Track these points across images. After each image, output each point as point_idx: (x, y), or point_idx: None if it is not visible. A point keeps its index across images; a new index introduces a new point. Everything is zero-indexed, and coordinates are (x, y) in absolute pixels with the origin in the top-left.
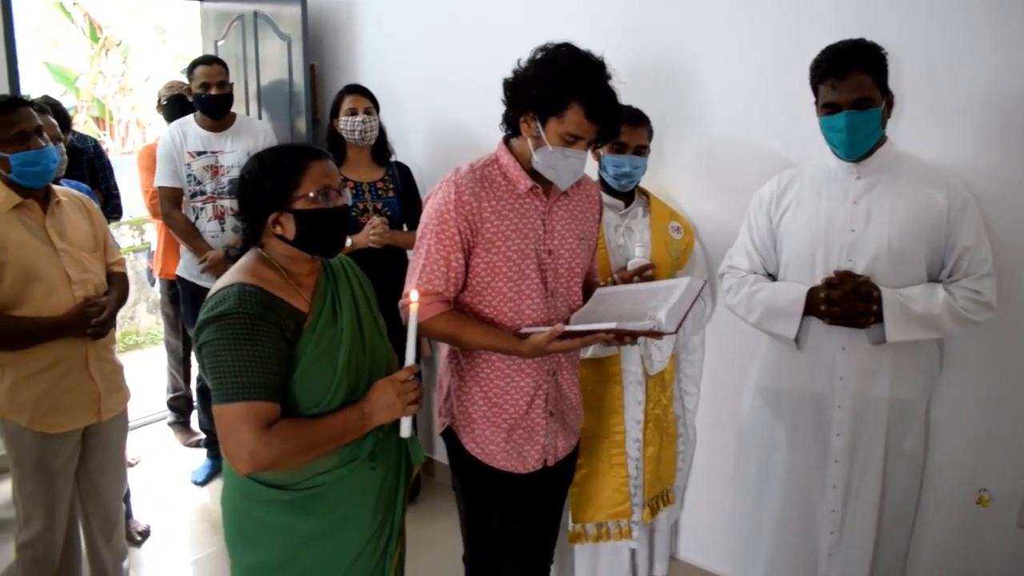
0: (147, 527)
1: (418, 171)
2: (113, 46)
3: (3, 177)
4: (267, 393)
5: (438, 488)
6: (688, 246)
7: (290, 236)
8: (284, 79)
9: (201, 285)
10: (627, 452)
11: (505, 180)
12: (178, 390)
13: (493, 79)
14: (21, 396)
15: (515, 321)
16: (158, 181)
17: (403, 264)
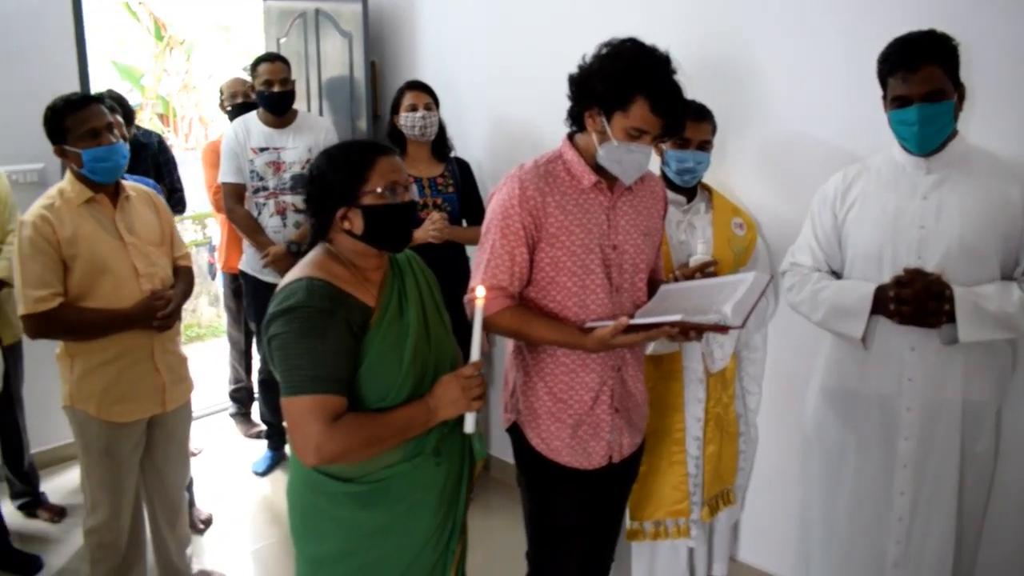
0: (209, 516)
1: (477, 167)
2: (177, 44)
3: (75, 172)
4: (334, 387)
5: (494, 484)
6: (751, 243)
7: (358, 231)
8: (345, 76)
9: (263, 279)
10: (687, 450)
11: (569, 175)
12: (239, 382)
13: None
14: (89, 386)
15: (580, 316)
16: (222, 177)
17: (461, 259)
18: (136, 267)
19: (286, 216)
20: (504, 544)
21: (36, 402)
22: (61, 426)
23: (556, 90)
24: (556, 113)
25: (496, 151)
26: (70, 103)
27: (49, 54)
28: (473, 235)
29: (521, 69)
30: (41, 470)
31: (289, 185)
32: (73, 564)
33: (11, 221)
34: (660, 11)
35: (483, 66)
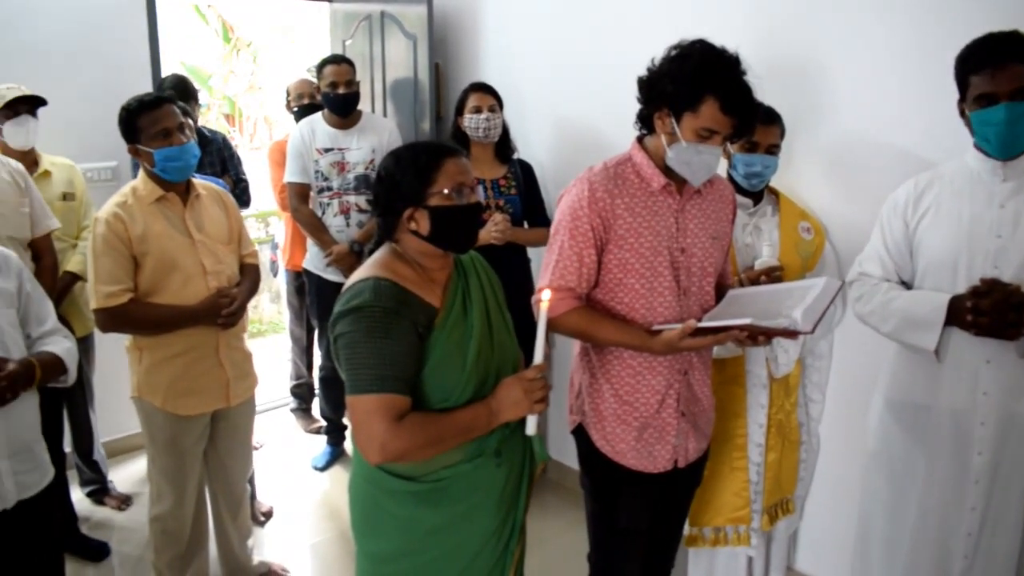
0: (270, 508)
1: (540, 168)
2: (244, 46)
3: (147, 171)
4: (399, 386)
5: (552, 486)
6: (819, 247)
7: (424, 232)
8: (409, 77)
9: (326, 278)
10: (748, 456)
11: (638, 178)
12: (301, 378)
13: (617, 77)
14: (156, 378)
15: (647, 319)
16: (287, 177)
17: (523, 261)
18: (204, 264)
19: (349, 216)
20: (561, 547)
21: (105, 393)
22: (129, 416)
23: (620, 92)
24: (620, 115)
25: (559, 153)
26: (143, 104)
27: (124, 55)
28: (535, 237)
29: (584, 71)
30: (109, 459)
31: (353, 185)
32: (138, 551)
33: (86, 217)
34: (727, 12)
35: (546, 68)
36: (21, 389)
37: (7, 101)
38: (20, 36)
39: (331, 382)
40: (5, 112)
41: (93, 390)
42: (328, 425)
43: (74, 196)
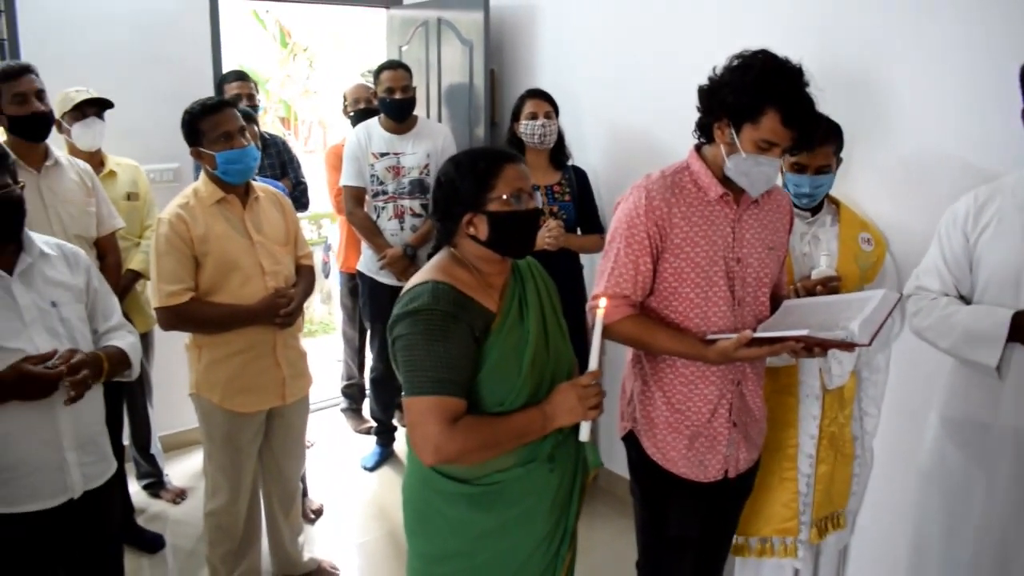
0: (320, 506)
1: (594, 175)
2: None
3: (209, 173)
4: (455, 389)
5: (600, 493)
6: (879, 259)
7: (483, 237)
8: (465, 83)
9: (379, 280)
10: (798, 467)
11: (696, 187)
12: (352, 378)
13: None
14: (214, 376)
15: (701, 328)
16: (343, 180)
17: (576, 268)
18: (262, 265)
19: (404, 220)
20: (609, 555)
21: (163, 388)
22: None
23: (676, 100)
24: (675, 123)
25: (613, 160)
26: (206, 107)
27: (186, 59)
28: (588, 243)
29: (641, 78)
30: (165, 453)
31: (407, 190)
32: (191, 544)
33: (149, 216)
34: (787, 22)
35: (602, 75)
36: (91, 381)
37: (76, 103)
38: (90, 41)
39: (382, 383)
40: (74, 114)
41: (152, 385)
42: (378, 426)
43: (138, 196)
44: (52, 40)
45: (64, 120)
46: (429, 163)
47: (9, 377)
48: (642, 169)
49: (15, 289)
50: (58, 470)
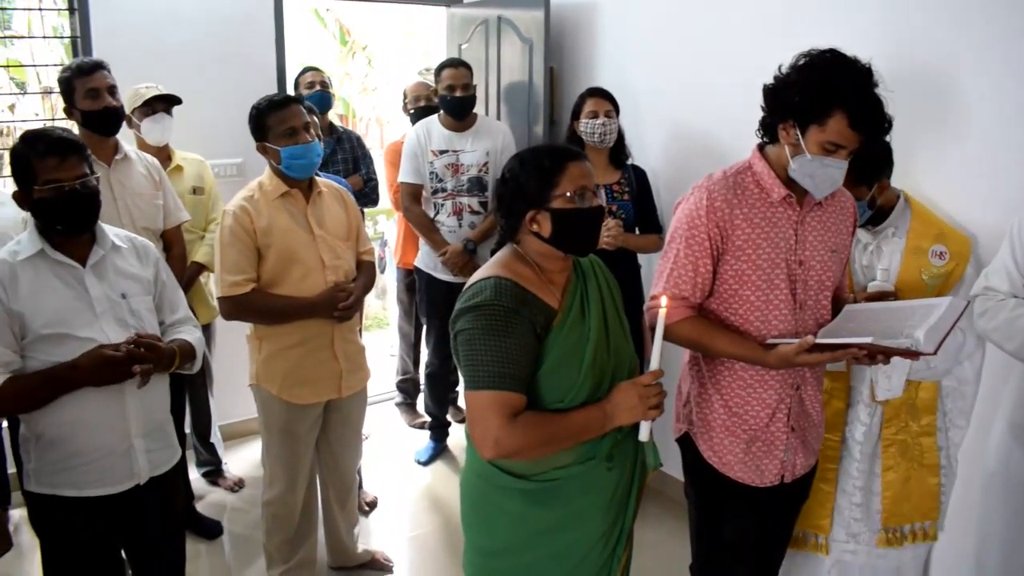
0: (375, 499)
1: (653, 175)
2: (359, 49)
3: (273, 168)
4: (516, 384)
5: (652, 494)
6: (953, 274)
7: (546, 234)
8: (524, 81)
9: (436, 276)
10: (844, 470)
11: (758, 188)
12: (407, 373)
13: (735, 84)
14: (274, 367)
15: (761, 331)
16: (402, 177)
17: (633, 267)
18: (323, 259)
19: (462, 217)
20: (661, 557)
21: (224, 379)
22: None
23: (738, 100)
24: (737, 123)
25: (673, 159)
26: (272, 103)
27: (251, 57)
28: (646, 243)
29: (702, 77)
30: (224, 442)
31: (466, 187)
32: (248, 531)
33: (214, 210)
34: (857, 20)
35: (663, 73)
36: (162, 370)
37: (145, 99)
38: (158, 38)
39: (437, 379)
40: (143, 110)
41: (213, 376)
42: (432, 421)
43: (203, 190)
44: (122, 37)
45: (134, 116)
46: (488, 161)
47: (85, 362)
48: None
49: (88, 280)
50: (126, 456)
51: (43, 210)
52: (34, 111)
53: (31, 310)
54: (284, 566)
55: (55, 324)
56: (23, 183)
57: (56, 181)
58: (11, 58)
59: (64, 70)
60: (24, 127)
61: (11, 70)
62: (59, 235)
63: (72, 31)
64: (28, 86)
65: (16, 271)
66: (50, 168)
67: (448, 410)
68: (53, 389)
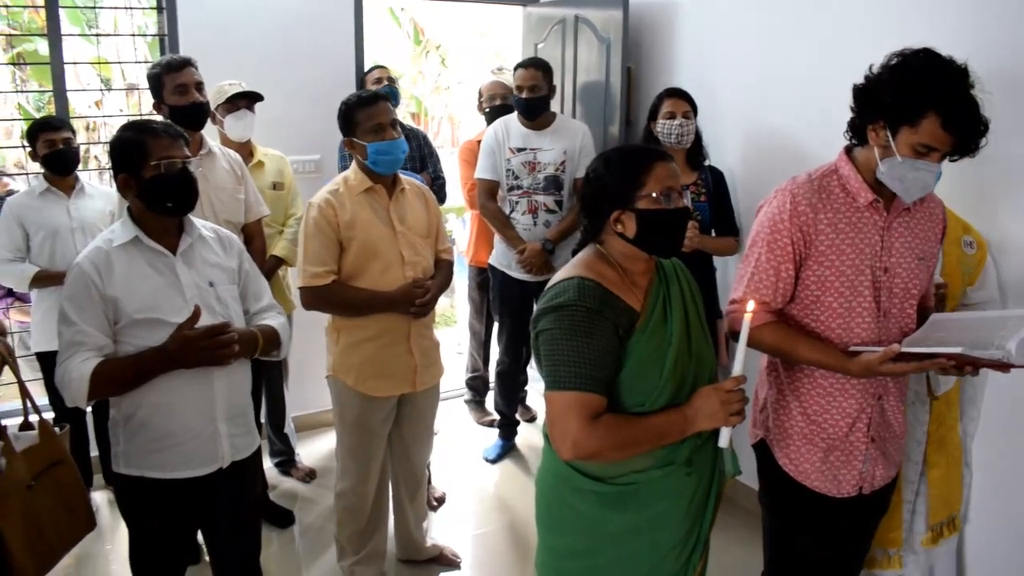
0: (443, 494)
1: (731, 177)
2: (433, 48)
3: (359, 163)
4: (597, 386)
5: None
6: (980, 261)
7: (630, 235)
8: (600, 81)
9: (510, 275)
10: (905, 475)
11: (844, 191)
12: (476, 371)
13: (821, 85)
14: (350, 359)
15: (843, 339)
16: (478, 173)
17: (708, 270)
18: (403, 254)
19: (537, 215)
20: (728, 565)
21: (299, 371)
22: (318, 395)
23: (823, 101)
24: (820, 125)
25: (751, 161)
26: (362, 99)
27: (331, 56)
28: (722, 245)
29: (784, 78)
30: (297, 433)
31: (542, 186)
32: (319, 522)
33: (292, 205)
34: (952, 19)
35: (743, 74)
36: (245, 354)
37: (229, 96)
38: (243, 37)
39: (507, 377)
40: (226, 106)
41: (288, 368)
42: (501, 419)
43: (283, 186)
44: (208, 35)
45: (218, 112)
46: (565, 160)
47: (173, 345)
48: (782, 171)
49: (178, 268)
50: (211, 440)
51: (154, 187)
52: (118, 107)
53: (125, 295)
54: (354, 557)
55: (147, 309)
56: (132, 166)
57: (169, 158)
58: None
59: (154, 66)
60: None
61: (98, 67)
62: (164, 214)
63: (160, 29)
64: (113, 83)
65: (111, 258)
66: (164, 146)
67: (517, 409)
68: (144, 372)
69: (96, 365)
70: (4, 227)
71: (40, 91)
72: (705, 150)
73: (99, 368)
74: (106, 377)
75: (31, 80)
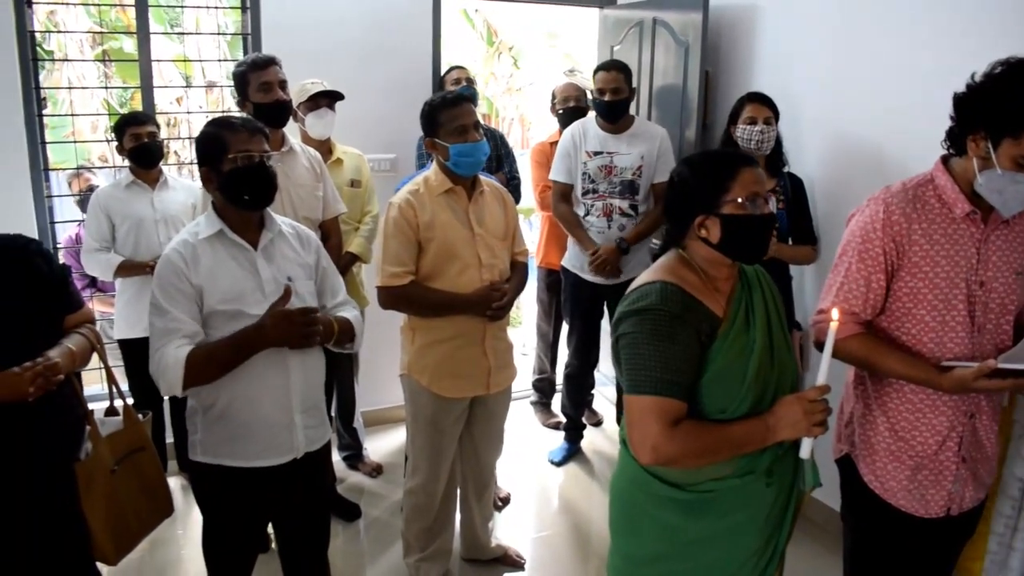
0: (508, 495)
1: (811, 184)
2: (506, 50)
3: (440, 164)
4: (678, 391)
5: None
6: None
7: (714, 240)
8: (677, 84)
9: (583, 277)
10: (997, 508)
11: (939, 202)
12: (543, 373)
13: (909, 93)
14: (425, 359)
15: (935, 353)
16: (553, 175)
17: (784, 279)
18: (480, 257)
19: (612, 219)
20: None
21: (369, 368)
22: (388, 391)
23: (906, 109)
24: (907, 133)
25: (833, 169)
26: (446, 100)
27: (409, 56)
28: (799, 254)
29: (867, 85)
30: (365, 428)
31: (618, 190)
32: (385, 517)
33: (369, 203)
34: None
35: (826, 79)
36: (322, 339)
37: (310, 95)
38: (324, 36)
39: (575, 380)
40: (308, 104)
41: (359, 363)
42: (567, 422)
43: (360, 184)
44: (289, 35)
45: (299, 110)
46: (643, 164)
47: (270, 322)
48: (865, 180)
49: (259, 263)
50: (287, 430)
51: (233, 180)
52: (198, 104)
53: (209, 286)
54: (421, 554)
55: (230, 300)
56: (212, 159)
57: (246, 151)
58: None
59: (239, 64)
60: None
61: (179, 65)
62: (242, 207)
63: (243, 28)
64: (193, 80)
65: (197, 250)
66: (242, 140)
67: (584, 412)
68: (240, 349)
69: (191, 349)
70: (92, 218)
71: (127, 87)
72: (785, 156)
73: (194, 351)
74: (202, 359)
75: (115, 76)
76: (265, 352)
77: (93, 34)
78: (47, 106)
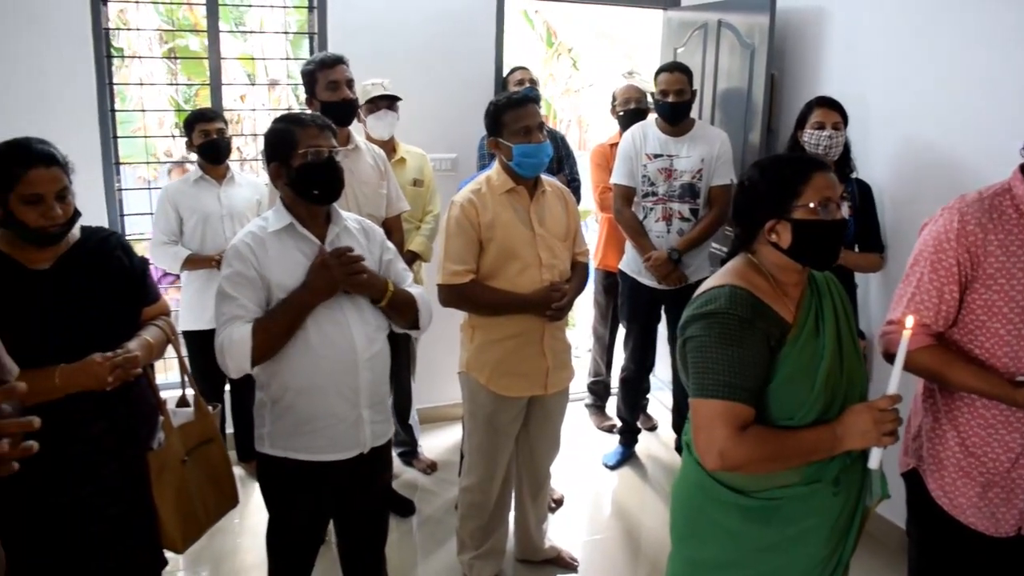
0: (561, 496)
1: (878, 191)
2: (565, 51)
3: (503, 163)
4: (745, 396)
5: None
6: None
7: (784, 245)
8: (742, 87)
9: (641, 281)
10: None
11: (1017, 212)
12: (599, 375)
13: (983, 96)
14: (484, 357)
15: (1009, 368)
16: (614, 178)
17: (849, 287)
18: (540, 257)
19: (671, 223)
20: None
21: (426, 364)
22: (444, 389)
23: (982, 115)
24: (980, 141)
25: (902, 176)
26: (511, 101)
27: (472, 56)
28: (864, 262)
29: (939, 90)
30: (421, 425)
31: (678, 193)
32: (438, 514)
33: (430, 202)
34: None
35: (897, 83)
36: (373, 290)
37: (370, 97)
38: (388, 36)
39: (631, 384)
40: (368, 106)
41: (416, 360)
42: (622, 425)
43: (423, 183)
44: (355, 34)
45: (361, 111)
46: (703, 168)
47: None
48: (935, 188)
49: None
50: (354, 425)
51: (303, 174)
52: (261, 101)
53: (276, 277)
54: (474, 552)
55: None
56: (282, 155)
57: (316, 146)
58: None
59: (308, 62)
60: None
61: (243, 63)
62: (311, 201)
63: (310, 27)
64: (256, 78)
65: (264, 241)
66: (311, 136)
67: (639, 416)
68: (292, 309)
69: (253, 324)
70: (160, 212)
71: (194, 84)
72: (853, 162)
73: (256, 322)
74: (263, 330)
75: (182, 74)
76: (335, 346)
77: (162, 32)
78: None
